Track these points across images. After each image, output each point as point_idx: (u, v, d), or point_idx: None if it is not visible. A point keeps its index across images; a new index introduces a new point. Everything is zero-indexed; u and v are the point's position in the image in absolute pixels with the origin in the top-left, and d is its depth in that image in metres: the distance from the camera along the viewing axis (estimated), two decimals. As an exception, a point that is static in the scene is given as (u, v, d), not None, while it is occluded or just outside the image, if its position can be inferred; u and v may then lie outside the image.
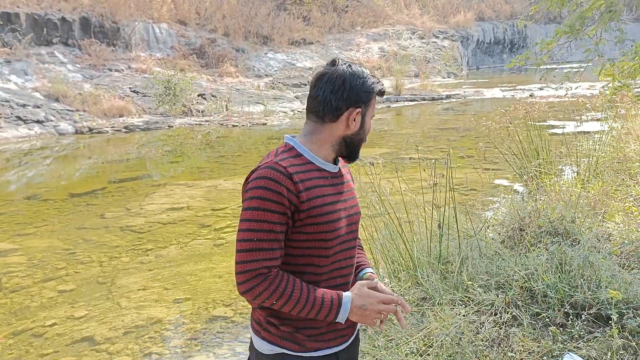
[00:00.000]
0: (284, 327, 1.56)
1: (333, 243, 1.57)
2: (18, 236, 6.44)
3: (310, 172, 1.56)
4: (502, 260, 3.38)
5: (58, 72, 16.90)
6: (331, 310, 1.51)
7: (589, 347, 2.64)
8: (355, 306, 1.53)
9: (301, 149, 1.59)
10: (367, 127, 1.66)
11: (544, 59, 5.81)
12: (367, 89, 1.61)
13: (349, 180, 1.74)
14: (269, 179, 1.48)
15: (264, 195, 1.47)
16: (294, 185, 1.49)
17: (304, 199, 1.50)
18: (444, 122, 14.63)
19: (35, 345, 4.01)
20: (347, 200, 1.65)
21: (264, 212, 1.47)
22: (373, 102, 1.65)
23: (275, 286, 1.46)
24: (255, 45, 23.50)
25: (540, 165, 5.62)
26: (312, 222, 1.52)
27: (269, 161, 1.53)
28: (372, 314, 1.54)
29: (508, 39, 34.27)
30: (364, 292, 1.55)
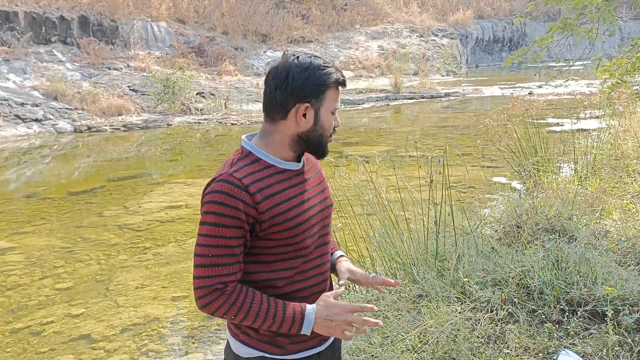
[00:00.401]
0: (263, 331, 1.53)
1: (306, 243, 1.53)
2: (16, 234, 6.44)
3: (271, 177, 1.49)
4: (499, 258, 3.38)
5: (57, 70, 16.89)
6: (294, 323, 1.46)
7: (584, 344, 2.64)
8: (320, 317, 1.47)
9: (259, 152, 1.52)
10: (325, 123, 1.53)
11: (541, 55, 5.81)
12: (315, 82, 1.49)
13: (318, 172, 1.67)
14: (223, 193, 1.42)
15: (219, 210, 1.41)
16: (251, 197, 1.43)
17: (263, 210, 1.44)
18: (443, 120, 14.63)
19: (32, 343, 4.01)
20: (317, 194, 1.60)
21: (219, 227, 1.42)
22: (330, 95, 1.52)
23: (233, 301, 1.43)
24: (254, 44, 23.49)
25: (538, 163, 5.62)
26: (278, 230, 1.47)
27: (224, 173, 1.46)
28: (339, 326, 1.48)
29: (507, 37, 34.24)
30: (329, 303, 1.49)
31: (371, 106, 18.46)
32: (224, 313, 1.44)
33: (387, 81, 21.37)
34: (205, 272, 1.43)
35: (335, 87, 1.53)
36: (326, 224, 1.64)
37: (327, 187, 1.69)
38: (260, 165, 1.50)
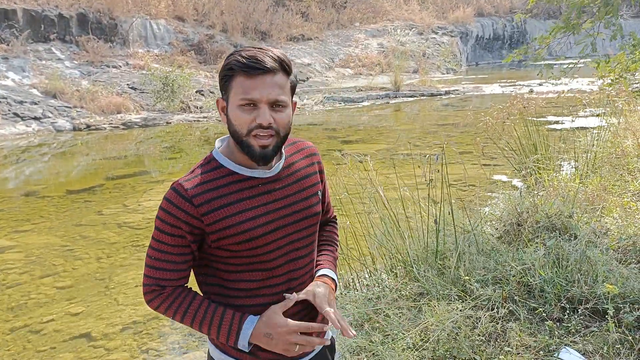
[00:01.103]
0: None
1: (269, 257, 1.43)
2: (15, 233, 6.43)
3: (228, 187, 1.40)
4: (500, 256, 3.37)
5: (55, 68, 16.86)
6: (230, 334, 1.40)
7: (585, 342, 2.64)
8: (259, 334, 1.39)
9: (222, 159, 1.43)
10: (233, 119, 1.37)
11: (541, 53, 5.80)
12: (221, 72, 1.38)
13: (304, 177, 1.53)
14: (169, 201, 1.38)
15: (162, 217, 1.39)
16: (195, 209, 1.36)
17: (210, 221, 1.37)
18: (443, 118, 14.62)
19: (32, 341, 4.01)
20: (291, 204, 1.47)
21: (161, 233, 1.40)
22: (234, 85, 1.35)
23: (169, 303, 1.43)
24: (254, 42, 23.45)
25: (539, 161, 5.62)
26: (230, 242, 1.39)
27: (178, 180, 1.41)
28: (280, 344, 1.40)
29: (507, 35, 34.22)
30: (272, 320, 1.40)
31: (371, 104, 18.44)
32: (164, 312, 1.45)
33: (387, 79, 21.34)
34: (147, 272, 1.45)
35: (243, 76, 1.33)
36: (304, 236, 1.50)
37: (313, 194, 1.53)
38: (220, 173, 1.41)
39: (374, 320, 3.10)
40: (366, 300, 3.35)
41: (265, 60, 1.33)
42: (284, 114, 1.39)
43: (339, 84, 21.66)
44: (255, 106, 1.35)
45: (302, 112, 16.95)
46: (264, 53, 1.35)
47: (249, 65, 1.32)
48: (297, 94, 19.35)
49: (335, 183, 4.00)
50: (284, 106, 1.38)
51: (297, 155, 1.55)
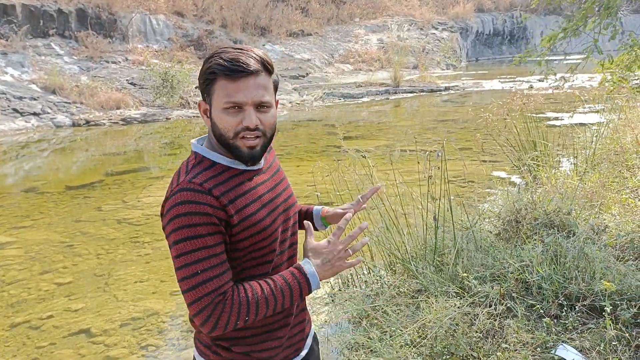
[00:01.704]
0: (236, 349, 1.42)
1: (273, 247, 1.43)
2: (15, 229, 6.43)
3: (232, 180, 1.37)
4: (498, 252, 3.38)
5: (55, 64, 16.83)
6: (302, 290, 1.36)
7: (582, 338, 2.65)
8: (318, 266, 1.38)
9: (213, 156, 1.39)
10: (218, 122, 1.35)
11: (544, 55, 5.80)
12: (201, 76, 1.36)
13: (278, 170, 1.56)
14: (188, 202, 1.27)
15: (189, 222, 1.26)
16: (217, 200, 1.30)
17: (231, 213, 1.32)
18: (443, 114, 14.61)
19: (32, 337, 4.02)
20: (279, 194, 1.49)
21: (198, 239, 1.27)
22: (217, 89, 1.33)
23: (238, 305, 1.30)
24: (253, 37, 23.41)
25: (537, 157, 5.62)
26: (246, 236, 1.35)
27: (181, 182, 1.32)
28: (338, 261, 1.40)
29: (507, 31, 34.15)
30: (318, 250, 1.40)
31: (370, 100, 18.43)
32: (236, 321, 1.30)
33: (387, 75, 21.32)
34: (200, 292, 1.28)
35: (225, 79, 1.31)
36: (291, 225, 1.53)
37: (288, 185, 1.57)
38: (217, 169, 1.37)
39: (372, 317, 3.11)
40: (364, 297, 3.36)
41: (249, 63, 1.31)
42: (269, 114, 1.38)
43: (339, 80, 21.63)
44: (241, 109, 1.33)
45: (301, 108, 16.94)
46: (246, 54, 1.33)
47: (231, 68, 1.30)
48: (297, 89, 19.33)
49: (335, 179, 4.00)
50: (269, 107, 1.37)
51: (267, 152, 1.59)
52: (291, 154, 10.09)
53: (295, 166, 8.80)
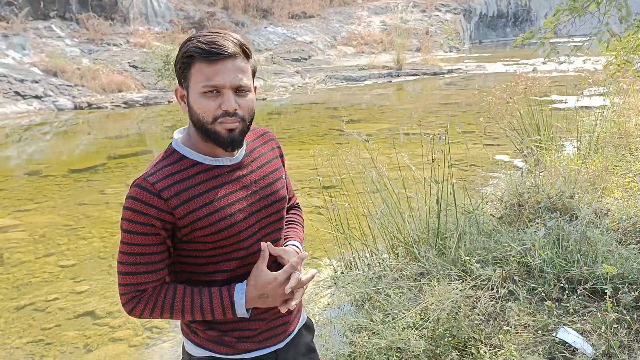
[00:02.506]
0: (209, 332, 1.45)
1: (240, 245, 1.40)
2: (19, 212, 6.47)
3: (195, 177, 1.35)
4: (500, 236, 3.39)
5: (56, 46, 16.76)
6: (225, 310, 1.38)
7: (583, 321, 2.67)
8: (253, 298, 1.38)
9: (184, 150, 1.39)
10: (196, 107, 1.32)
11: (549, 37, 5.73)
12: (177, 61, 1.34)
13: (267, 162, 1.51)
14: (135, 199, 1.31)
15: (131, 217, 1.31)
16: (165, 203, 1.30)
17: (181, 215, 1.32)
18: (446, 97, 14.54)
19: (37, 319, 4.06)
20: (258, 190, 1.45)
21: (133, 235, 1.32)
22: (194, 72, 1.31)
23: (153, 304, 1.36)
24: (255, 19, 23.23)
25: (541, 141, 5.60)
26: (202, 234, 1.35)
27: (139, 177, 1.34)
28: (278, 299, 1.40)
29: (511, 12, 33.82)
30: (261, 281, 1.38)
31: (373, 83, 18.34)
32: (149, 315, 1.38)
33: (390, 57, 21.18)
34: (124, 280, 1.36)
35: (204, 62, 1.29)
36: (273, 221, 1.49)
37: (277, 178, 1.52)
38: (183, 164, 1.37)
39: (374, 300, 3.14)
40: (367, 279, 3.38)
41: (227, 45, 1.29)
42: (247, 98, 1.35)
43: (341, 63, 21.50)
44: (219, 92, 1.31)
45: (303, 91, 16.87)
46: (224, 37, 1.31)
47: (209, 51, 1.28)
48: (299, 72, 19.23)
49: (337, 163, 4.00)
50: (248, 91, 1.35)
51: (257, 141, 1.54)
52: (293, 137, 10.08)
53: (297, 149, 8.79)
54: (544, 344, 2.60)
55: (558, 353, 2.53)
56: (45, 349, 3.68)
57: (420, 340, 2.62)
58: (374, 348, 2.65)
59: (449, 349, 2.61)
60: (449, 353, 2.58)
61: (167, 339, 3.74)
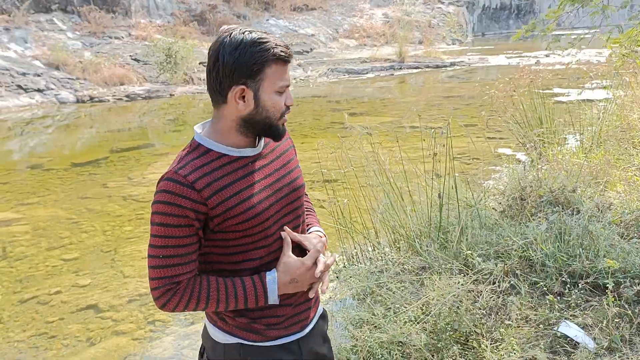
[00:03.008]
0: (239, 319, 1.50)
1: (267, 233, 1.47)
2: (22, 205, 6.48)
3: (222, 169, 1.42)
4: (502, 230, 3.39)
5: (58, 39, 16.74)
6: (258, 297, 1.44)
7: (585, 315, 2.67)
8: (284, 284, 1.45)
9: (208, 143, 1.44)
10: (269, 104, 1.42)
11: (551, 28, 5.69)
12: (247, 61, 1.37)
13: (284, 152, 1.59)
14: (168, 192, 1.36)
15: (165, 210, 1.36)
16: (198, 194, 1.36)
17: (214, 205, 1.38)
18: (448, 90, 14.49)
19: (40, 312, 4.08)
20: (280, 179, 1.52)
21: (167, 227, 1.36)
22: (270, 74, 1.40)
23: (188, 296, 1.40)
24: (257, 12, 23.15)
25: (543, 134, 5.58)
26: (233, 223, 1.41)
27: (170, 170, 1.39)
28: (307, 282, 1.48)
29: (515, 5, 33.62)
30: (289, 267, 1.46)
31: (375, 76, 18.28)
32: (184, 308, 1.42)
33: (392, 50, 21.11)
34: (157, 274, 1.39)
35: (277, 63, 1.40)
36: (293, 209, 1.55)
37: (295, 167, 1.59)
38: (210, 156, 1.42)
39: (376, 294, 3.14)
40: (369, 273, 3.38)
41: (291, 51, 1.44)
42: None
43: (343, 55, 21.43)
44: (285, 91, 1.45)
45: (305, 84, 16.83)
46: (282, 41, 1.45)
47: (287, 54, 1.41)
48: (301, 65, 19.19)
49: (339, 156, 4.00)
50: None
51: None
52: (295, 131, 10.07)
53: (299, 143, 8.79)
54: (545, 338, 2.60)
55: (560, 347, 2.54)
56: (48, 342, 3.70)
57: (421, 334, 2.63)
58: (376, 342, 2.66)
59: (450, 342, 2.62)
60: (451, 347, 2.59)
61: (169, 332, 3.76)
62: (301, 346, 1.56)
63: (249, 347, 1.50)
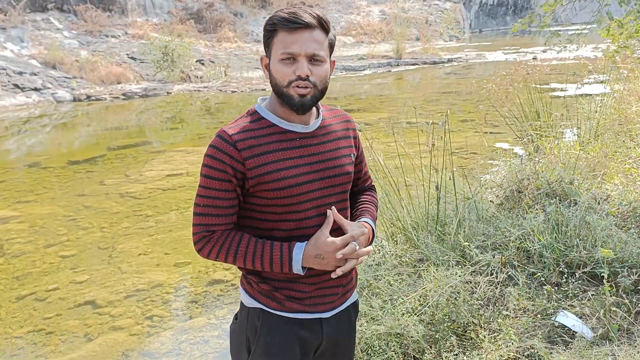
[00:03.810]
0: (263, 285, 1.55)
1: (298, 208, 1.50)
2: (19, 203, 6.47)
3: (269, 137, 1.49)
4: (499, 222, 3.39)
5: (54, 38, 16.69)
6: (282, 263, 1.48)
7: (582, 305, 2.67)
8: (310, 256, 1.48)
9: (263, 111, 1.53)
10: (274, 72, 1.47)
11: (547, 21, 5.68)
12: (264, 30, 1.49)
13: (340, 138, 1.61)
14: (214, 147, 1.46)
15: (209, 163, 1.47)
16: (239, 153, 1.45)
17: (251, 166, 1.45)
18: (446, 86, 14.49)
19: (38, 309, 4.07)
20: (326, 161, 1.55)
21: (210, 179, 1.47)
22: (277, 41, 1.45)
23: (220, 245, 1.49)
24: (254, 9, 23.11)
25: (541, 128, 5.58)
26: (266, 188, 1.47)
27: (222, 129, 1.50)
28: (331, 262, 1.49)
29: (511, 1, 33.62)
30: (320, 242, 1.49)
31: (373, 72, 18.27)
32: (215, 256, 1.51)
33: (389, 47, 21.10)
34: (197, 221, 1.51)
35: (285, 30, 1.43)
36: (335, 193, 1.57)
37: (345, 155, 1.60)
38: (261, 124, 1.51)
39: (374, 286, 3.14)
40: (367, 266, 3.38)
41: (305, 16, 1.43)
42: (321, 68, 1.47)
43: (340, 52, 21.41)
44: (295, 60, 1.44)
45: (303, 81, 16.81)
46: (304, 10, 1.45)
47: (289, 19, 1.42)
48: (298, 62, 19.16)
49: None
50: (322, 61, 1.47)
51: (334, 119, 1.64)
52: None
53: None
54: (543, 328, 2.60)
55: (557, 337, 2.54)
56: (46, 338, 3.69)
57: (419, 325, 2.62)
58: (374, 334, 2.66)
59: (448, 333, 2.62)
60: (449, 338, 2.58)
61: (167, 327, 3.75)
62: (323, 327, 1.59)
63: (268, 314, 1.55)
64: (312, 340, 1.58)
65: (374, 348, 2.63)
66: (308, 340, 1.57)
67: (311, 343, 1.58)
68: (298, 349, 1.55)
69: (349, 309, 1.67)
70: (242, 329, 1.60)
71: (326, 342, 1.61)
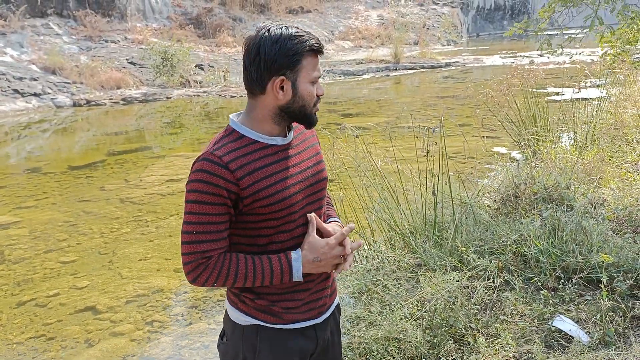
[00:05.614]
0: (259, 301, 1.57)
1: (291, 218, 1.55)
2: (19, 209, 6.49)
3: (255, 153, 1.51)
4: (496, 227, 3.42)
5: (54, 44, 16.73)
6: (283, 274, 1.51)
7: (579, 310, 2.70)
8: (308, 261, 1.53)
9: (242, 129, 1.53)
10: (305, 93, 1.52)
11: (543, 27, 5.74)
12: (287, 53, 1.47)
13: (312, 145, 1.67)
14: (204, 171, 1.45)
15: (200, 188, 1.45)
16: (232, 174, 1.45)
17: (245, 185, 1.47)
18: (443, 91, 14.54)
19: (39, 314, 4.10)
20: (306, 169, 1.60)
21: (202, 205, 1.46)
22: (306, 64, 1.50)
23: (218, 271, 1.48)
24: (253, 15, 23.18)
25: (537, 133, 5.62)
26: (261, 205, 1.49)
27: (206, 152, 1.48)
28: (329, 262, 1.55)
29: (509, 5, 33.75)
30: (314, 246, 1.54)
31: (371, 77, 18.32)
32: (214, 282, 1.50)
33: (387, 51, 21.16)
34: (190, 249, 1.48)
35: (311, 55, 1.51)
36: (317, 199, 1.63)
37: (321, 160, 1.67)
38: (244, 142, 1.51)
39: (372, 291, 3.17)
40: (365, 271, 3.41)
41: (322, 45, 1.55)
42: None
43: (339, 57, 21.47)
44: (314, 82, 1.56)
45: (302, 85, 16.85)
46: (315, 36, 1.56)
47: (316, 49, 1.51)
48: (297, 67, 19.22)
49: (333, 158, 4.02)
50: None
51: (300, 126, 1.68)
52: (292, 132, 10.08)
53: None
54: (540, 332, 2.63)
55: (554, 341, 2.57)
56: (47, 344, 3.72)
57: (417, 330, 2.65)
58: (372, 338, 2.69)
59: (446, 338, 2.65)
60: (446, 342, 2.61)
61: (167, 333, 3.77)
62: (317, 332, 1.64)
63: (266, 329, 1.57)
64: (309, 347, 1.62)
65: (373, 352, 2.66)
66: (305, 348, 1.61)
67: (308, 350, 1.62)
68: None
69: (334, 310, 1.74)
70: (236, 348, 1.60)
71: (320, 347, 1.66)
